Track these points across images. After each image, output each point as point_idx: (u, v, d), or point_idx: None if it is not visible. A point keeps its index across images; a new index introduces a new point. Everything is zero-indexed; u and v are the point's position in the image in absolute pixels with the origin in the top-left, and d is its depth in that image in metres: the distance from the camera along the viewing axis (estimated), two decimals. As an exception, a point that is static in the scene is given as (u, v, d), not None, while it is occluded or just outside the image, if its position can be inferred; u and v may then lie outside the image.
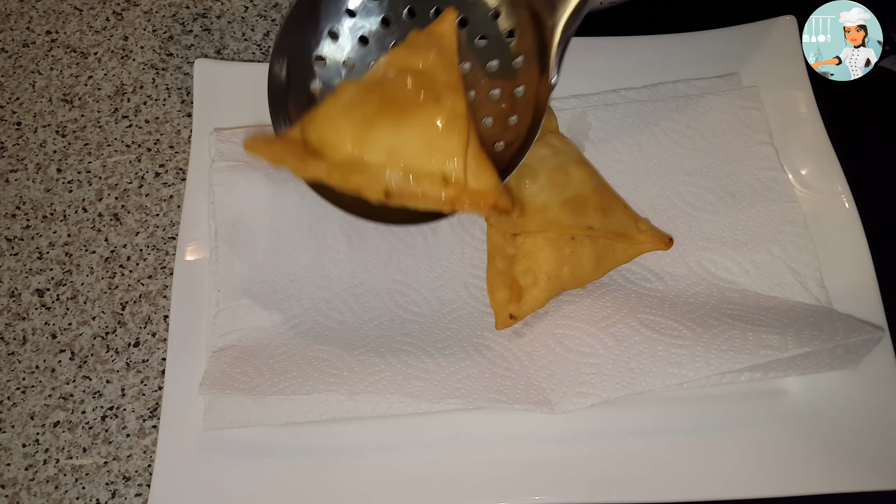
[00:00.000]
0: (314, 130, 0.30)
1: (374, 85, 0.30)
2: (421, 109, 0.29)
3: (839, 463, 0.32)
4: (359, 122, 0.29)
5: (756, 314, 0.33)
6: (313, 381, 0.32)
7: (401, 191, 0.29)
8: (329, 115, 0.30)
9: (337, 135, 0.29)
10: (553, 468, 0.32)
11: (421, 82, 0.30)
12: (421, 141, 0.29)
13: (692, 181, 0.38)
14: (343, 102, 0.30)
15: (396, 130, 0.29)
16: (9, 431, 0.37)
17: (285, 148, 0.30)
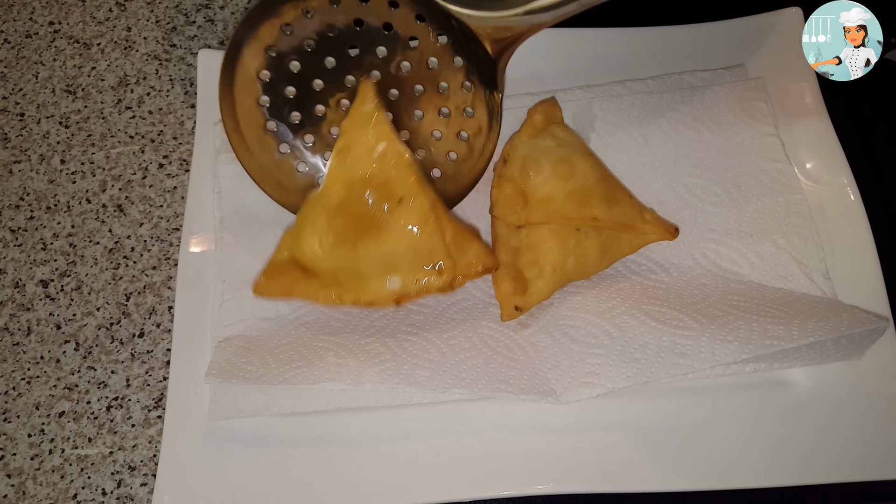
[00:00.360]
0: (305, 253, 0.33)
1: (336, 210, 0.33)
2: (391, 218, 0.33)
3: (843, 453, 0.32)
4: (341, 245, 0.33)
5: (761, 305, 0.33)
6: (319, 371, 0.32)
7: (407, 296, 0.33)
8: (314, 246, 0.33)
9: (330, 261, 0.33)
10: (558, 458, 0.32)
11: (377, 192, 0.33)
12: (405, 247, 0.33)
13: (698, 172, 0.38)
14: (320, 230, 0.33)
15: (379, 246, 0.33)
16: (14, 421, 0.37)
17: (290, 283, 0.33)
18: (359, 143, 0.33)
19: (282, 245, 0.34)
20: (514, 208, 0.34)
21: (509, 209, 0.34)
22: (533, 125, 0.38)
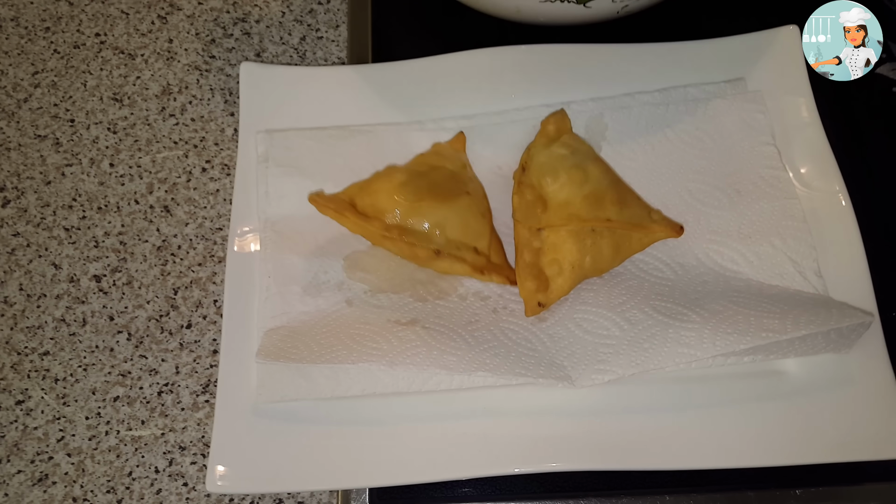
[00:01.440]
0: (369, 198, 0.38)
1: (419, 173, 0.39)
2: (459, 197, 0.38)
3: (832, 436, 0.35)
4: (412, 198, 0.37)
5: (758, 301, 0.36)
6: (357, 354, 0.35)
7: (446, 251, 0.37)
8: (384, 189, 0.38)
9: (393, 204, 0.38)
10: (570, 438, 0.35)
11: (453, 178, 0.39)
12: (460, 220, 0.38)
13: (701, 178, 0.41)
14: (396, 182, 0.38)
15: (441, 208, 0.38)
16: (73, 405, 0.40)
17: (345, 207, 0.38)
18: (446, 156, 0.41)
19: (345, 190, 0.39)
20: (534, 212, 0.38)
21: (530, 213, 0.38)
22: (547, 135, 0.41)
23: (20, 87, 0.49)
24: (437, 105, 0.44)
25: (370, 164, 0.42)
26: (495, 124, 0.44)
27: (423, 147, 0.43)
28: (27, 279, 0.43)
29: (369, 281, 0.40)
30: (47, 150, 0.47)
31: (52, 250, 0.44)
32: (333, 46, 0.50)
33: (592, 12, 0.42)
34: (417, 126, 0.44)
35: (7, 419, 0.40)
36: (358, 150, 0.42)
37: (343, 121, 0.44)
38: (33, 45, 0.51)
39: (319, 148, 0.42)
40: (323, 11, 0.51)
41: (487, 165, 0.43)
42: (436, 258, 0.37)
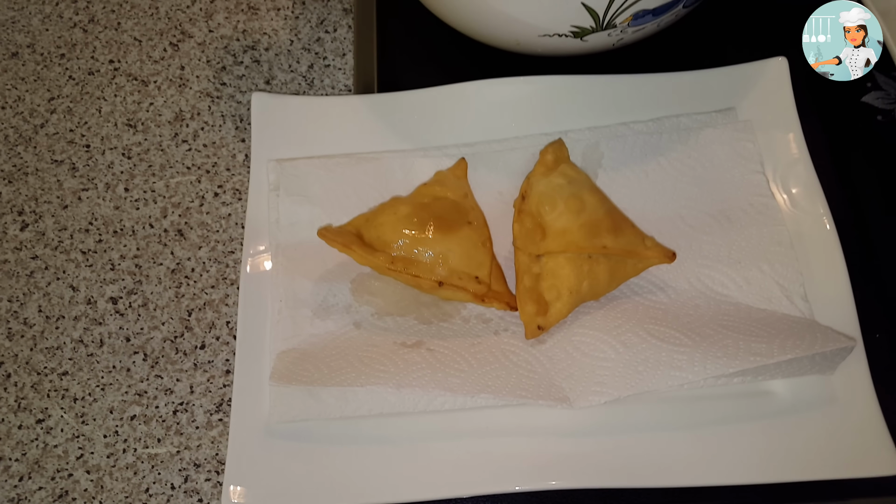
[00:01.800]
0: (374, 231, 0.40)
1: (423, 205, 0.41)
2: (461, 228, 0.40)
3: (818, 454, 0.37)
4: (415, 231, 0.39)
5: (747, 325, 0.38)
6: (365, 376, 0.37)
7: (449, 282, 0.39)
8: (389, 222, 0.40)
9: (397, 236, 0.39)
10: (568, 457, 0.37)
11: (455, 208, 0.41)
12: (462, 251, 0.39)
13: (692, 205, 0.43)
14: (401, 215, 0.40)
15: (444, 240, 0.39)
16: (91, 424, 0.42)
17: (352, 240, 0.39)
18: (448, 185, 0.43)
19: (351, 222, 0.41)
20: (533, 240, 0.39)
21: (530, 241, 0.40)
22: (545, 164, 0.43)
23: (37, 112, 0.51)
24: (440, 133, 0.46)
25: (376, 190, 0.44)
26: (496, 151, 0.46)
27: (426, 173, 0.45)
28: (46, 301, 0.45)
29: (376, 304, 0.42)
30: (64, 174, 0.49)
31: (70, 273, 0.46)
32: (340, 74, 0.52)
33: (589, 45, 0.44)
34: (421, 153, 0.46)
35: (28, 437, 0.41)
36: (365, 177, 0.44)
37: (350, 148, 0.45)
38: (49, 72, 0.53)
39: (328, 176, 0.44)
40: (330, 40, 0.53)
41: (488, 191, 0.45)
42: (439, 288, 0.39)
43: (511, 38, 0.45)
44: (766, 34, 0.52)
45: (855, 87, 0.50)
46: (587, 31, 0.42)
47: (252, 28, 0.54)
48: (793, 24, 0.52)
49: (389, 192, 0.44)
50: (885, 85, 0.50)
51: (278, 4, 0.54)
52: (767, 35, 0.52)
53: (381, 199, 0.44)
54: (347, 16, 0.53)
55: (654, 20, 0.43)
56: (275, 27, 0.53)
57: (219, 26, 0.54)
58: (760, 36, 0.51)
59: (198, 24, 0.54)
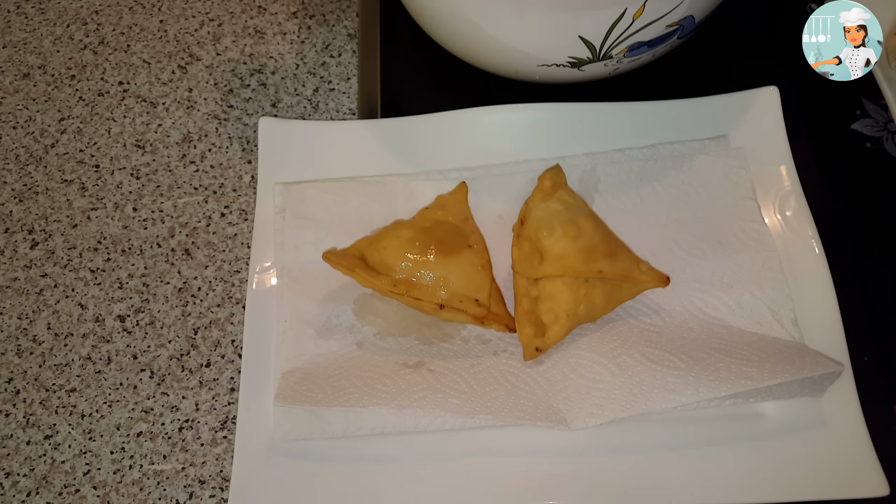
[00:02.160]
0: (378, 254, 0.41)
1: (425, 229, 0.42)
2: (462, 252, 0.41)
3: (807, 475, 0.38)
4: (418, 254, 0.40)
5: (739, 348, 0.40)
6: (368, 397, 0.38)
7: (449, 304, 0.40)
8: (392, 246, 0.41)
9: (400, 260, 0.41)
10: (566, 477, 0.38)
11: (456, 232, 0.42)
12: (462, 274, 0.41)
13: (686, 230, 0.45)
14: (404, 239, 0.41)
15: (445, 264, 0.41)
16: (98, 440, 0.43)
17: (356, 264, 0.40)
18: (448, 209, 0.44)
19: (355, 245, 0.43)
20: (532, 264, 0.41)
21: (528, 265, 0.41)
22: (543, 190, 0.44)
23: (47, 132, 0.52)
24: (441, 157, 0.47)
25: (379, 213, 0.45)
26: (496, 176, 0.47)
27: (428, 196, 0.46)
28: (55, 319, 0.46)
29: (378, 324, 0.43)
30: (73, 194, 0.50)
31: (79, 291, 0.47)
32: (345, 98, 0.53)
33: (586, 74, 0.46)
34: (423, 176, 0.47)
35: (36, 453, 0.42)
36: (368, 200, 0.45)
37: (354, 172, 0.47)
38: (60, 93, 0.54)
39: (332, 199, 0.45)
40: (335, 64, 0.54)
41: (488, 214, 0.46)
42: (440, 311, 0.40)
43: (511, 66, 0.46)
44: (758, 64, 0.53)
45: (844, 114, 0.52)
46: (584, 61, 0.43)
47: (259, 52, 0.55)
48: (783, 55, 0.54)
49: (392, 216, 0.45)
50: (874, 113, 0.52)
51: (284, 29, 0.56)
52: (759, 64, 0.53)
53: (384, 222, 0.45)
54: (352, 41, 0.55)
55: (650, 51, 0.44)
56: (281, 51, 0.55)
57: (226, 50, 0.55)
58: (752, 65, 0.53)
59: (206, 48, 0.56)
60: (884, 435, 0.40)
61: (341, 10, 0.56)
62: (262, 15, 0.57)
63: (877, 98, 0.51)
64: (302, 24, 0.56)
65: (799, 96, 0.51)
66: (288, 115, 0.51)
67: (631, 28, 0.41)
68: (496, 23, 0.42)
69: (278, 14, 0.57)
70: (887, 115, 0.51)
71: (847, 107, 0.52)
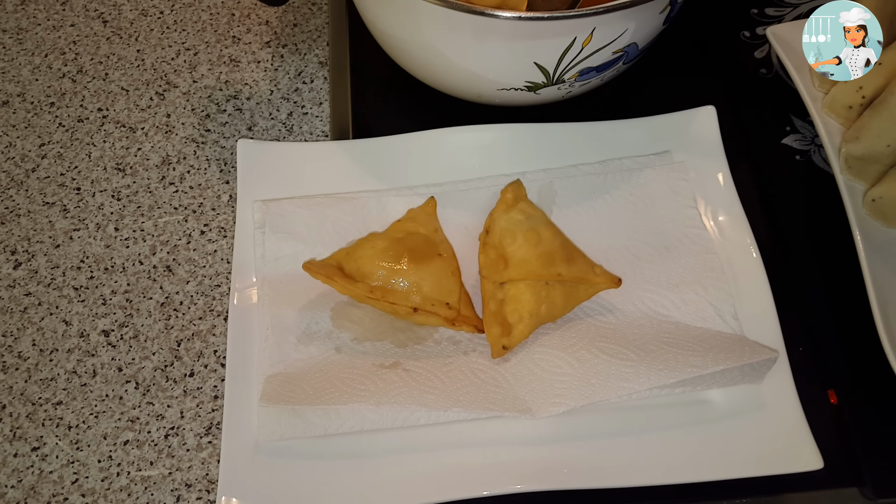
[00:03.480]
0: (354, 263, 0.44)
1: (398, 239, 0.45)
2: (433, 260, 0.45)
3: (751, 453, 0.42)
4: (392, 262, 0.43)
5: (685, 341, 0.43)
6: (347, 395, 0.41)
7: (423, 308, 0.43)
8: (367, 255, 0.44)
9: (375, 268, 0.44)
10: (533, 463, 0.41)
11: (427, 242, 0.45)
12: (434, 280, 0.44)
13: (635, 237, 0.49)
14: (378, 249, 0.44)
15: (418, 270, 0.44)
16: (85, 450, 0.44)
17: (334, 272, 0.43)
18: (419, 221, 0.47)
19: (333, 255, 0.45)
20: (497, 269, 0.44)
21: (494, 270, 0.44)
22: (506, 202, 0.48)
23: (28, 157, 0.54)
24: (410, 174, 0.51)
25: (354, 227, 0.48)
26: (461, 191, 0.51)
27: (399, 210, 0.49)
28: (39, 335, 0.47)
29: (354, 330, 0.45)
30: (55, 215, 0.52)
31: (63, 308, 0.48)
32: (318, 121, 0.56)
33: (541, 97, 0.50)
34: (394, 192, 0.50)
35: (23, 465, 0.43)
36: (343, 215, 0.49)
37: (329, 189, 0.50)
38: (39, 119, 0.56)
39: (309, 214, 0.48)
40: (307, 90, 0.58)
41: (455, 226, 0.49)
42: (414, 314, 0.43)
43: (473, 91, 0.50)
44: (697, 85, 0.58)
45: (775, 130, 0.57)
46: (539, 85, 0.48)
47: (234, 79, 0.58)
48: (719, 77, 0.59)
49: (366, 229, 0.48)
50: (802, 129, 0.57)
51: (258, 58, 0.59)
52: (697, 86, 0.58)
53: (359, 235, 0.48)
54: (323, 68, 0.58)
55: (598, 75, 0.49)
56: (255, 78, 0.58)
57: (202, 77, 0.58)
58: (691, 87, 0.58)
59: (182, 75, 0.59)
60: (819, 416, 0.44)
61: (312, 39, 0.60)
62: (237, 44, 0.60)
63: (804, 115, 0.57)
64: (275, 53, 0.59)
65: (734, 114, 0.56)
66: (264, 138, 0.54)
67: (581, 55, 0.45)
68: (458, 50, 0.46)
69: (252, 43, 0.60)
70: (814, 130, 0.56)
71: (778, 123, 0.57)
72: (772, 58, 0.60)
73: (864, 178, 0.50)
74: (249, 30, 0.60)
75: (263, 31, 0.60)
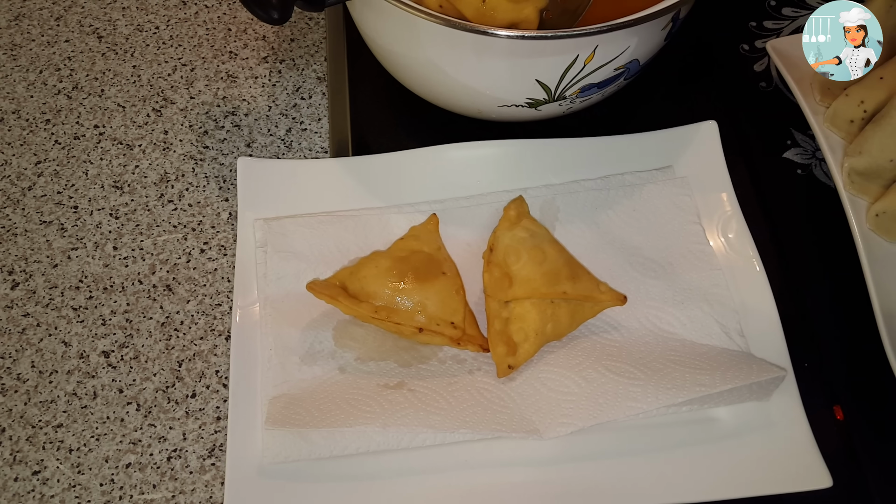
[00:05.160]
0: (358, 283, 0.43)
1: (401, 258, 0.45)
2: (437, 278, 0.44)
3: (758, 472, 0.42)
4: (396, 282, 0.43)
5: (692, 359, 0.43)
6: (353, 417, 0.40)
7: (427, 328, 0.43)
8: (371, 275, 0.44)
9: (380, 288, 0.43)
10: (540, 484, 0.41)
11: (430, 260, 0.45)
12: (438, 299, 0.44)
13: (639, 253, 0.49)
14: (382, 268, 0.44)
15: (422, 290, 0.43)
16: (87, 473, 0.44)
17: (338, 292, 0.43)
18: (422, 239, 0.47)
19: (336, 275, 0.45)
20: (502, 287, 0.44)
21: (498, 288, 0.44)
22: (509, 219, 0.48)
23: (24, 175, 0.54)
24: (412, 191, 0.51)
25: (356, 245, 0.48)
26: (463, 207, 0.50)
27: (401, 228, 0.49)
28: (38, 357, 0.47)
29: (357, 349, 0.45)
30: (53, 235, 0.51)
31: (62, 329, 0.48)
32: (317, 137, 0.56)
33: (542, 114, 0.50)
34: (396, 209, 0.50)
35: (24, 489, 0.43)
36: (345, 233, 0.48)
37: (329, 206, 0.49)
38: (35, 136, 0.55)
39: (311, 233, 0.48)
40: (306, 106, 0.57)
41: (458, 243, 0.49)
42: (419, 334, 0.43)
43: (474, 107, 0.50)
44: (697, 99, 0.58)
45: (777, 144, 0.57)
46: (541, 102, 0.47)
47: (231, 95, 0.58)
48: (720, 92, 0.59)
49: (368, 247, 0.48)
50: (803, 142, 0.57)
51: (256, 73, 0.59)
52: (698, 100, 0.58)
53: (361, 253, 0.48)
54: (321, 83, 0.58)
55: (600, 91, 0.49)
56: (253, 94, 0.58)
57: (199, 93, 0.58)
58: (693, 102, 0.58)
59: (179, 91, 0.58)
60: (825, 432, 0.44)
61: (310, 54, 0.60)
62: (234, 60, 0.59)
63: (805, 129, 0.57)
64: (273, 69, 0.59)
65: (736, 129, 0.56)
66: (262, 155, 0.54)
67: (583, 72, 0.45)
68: (458, 67, 0.46)
69: (249, 59, 0.60)
70: (815, 144, 0.56)
71: (779, 137, 0.57)
72: (771, 71, 0.60)
73: (867, 193, 0.50)
74: (246, 45, 0.60)
75: (261, 46, 0.60)
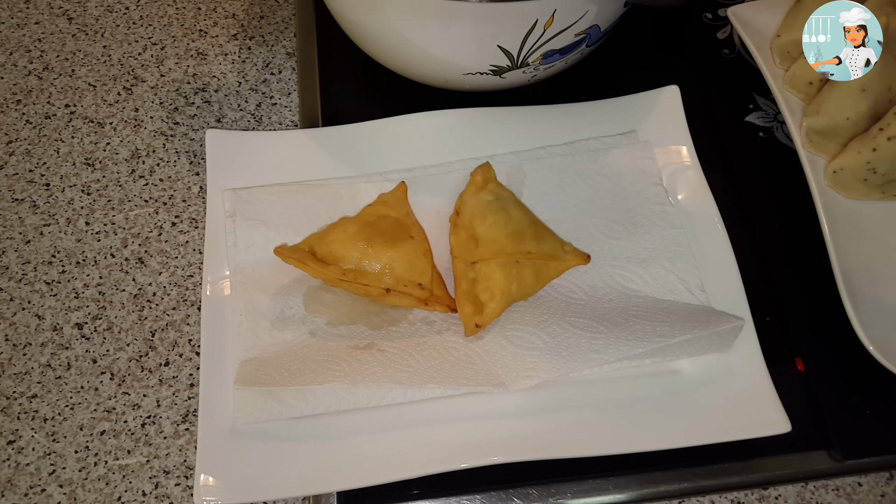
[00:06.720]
0: (326, 247, 0.44)
1: (369, 223, 0.46)
2: (405, 241, 0.45)
3: (721, 420, 0.43)
4: (363, 245, 0.43)
5: (654, 313, 0.44)
6: (322, 376, 0.41)
7: (395, 289, 0.43)
8: (339, 239, 0.45)
9: (347, 251, 0.44)
10: (507, 437, 0.42)
11: (398, 225, 0.45)
12: (406, 261, 0.44)
13: (603, 215, 0.50)
14: (350, 232, 0.45)
15: (390, 252, 0.44)
16: (62, 441, 0.44)
17: (306, 256, 0.44)
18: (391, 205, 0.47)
19: (305, 240, 0.46)
20: (468, 249, 0.45)
21: (465, 250, 0.45)
22: (475, 184, 0.48)
23: (-5, 155, 0.54)
24: (381, 160, 0.51)
25: (325, 213, 0.49)
26: (431, 175, 0.51)
27: (370, 196, 0.50)
28: (12, 330, 0.47)
29: (328, 314, 0.46)
30: (25, 212, 0.51)
31: (35, 303, 0.48)
32: (287, 111, 0.56)
33: (508, 81, 0.51)
34: (365, 179, 0.51)
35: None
36: (314, 201, 0.49)
37: (300, 177, 0.50)
38: (6, 117, 0.56)
39: (280, 202, 0.48)
40: (276, 81, 0.58)
41: (426, 210, 0.50)
42: (387, 295, 0.44)
43: (439, 76, 0.51)
44: (661, 67, 0.60)
45: (739, 108, 0.58)
46: (504, 69, 0.48)
47: (201, 72, 0.58)
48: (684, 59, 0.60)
49: (338, 214, 0.49)
50: (765, 106, 0.58)
51: (226, 50, 0.59)
52: (662, 68, 0.59)
53: (330, 221, 0.48)
54: (291, 59, 0.59)
55: (562, 58, 0.50)
56: (223, 70, 0.58)
57: (170, 71, 0.58)
58: (656, 69, 0.59)
59: (150, 70, 0.59)
60: (788, 383, 0.45)
61: (279, 31, 0.60)
62: (204, 38, 0.60)
63: (766, 93, 0.58)
64: (242, 45, 0.59)
65: (699, 94, 0.57)
66: (233, 129, 0.55)
67: (543, 37, 0.46)
68: (423, 36, 0.47)
69: (219, 37, 0.60)
70: (776, 108, 0.58)
71: (741, 102, 0.58)
72: (734, 38, 0.62)
73: (825, 151, 0.51)
74: (216, 23, 0.60)
75: (230, 24, 0.61)
